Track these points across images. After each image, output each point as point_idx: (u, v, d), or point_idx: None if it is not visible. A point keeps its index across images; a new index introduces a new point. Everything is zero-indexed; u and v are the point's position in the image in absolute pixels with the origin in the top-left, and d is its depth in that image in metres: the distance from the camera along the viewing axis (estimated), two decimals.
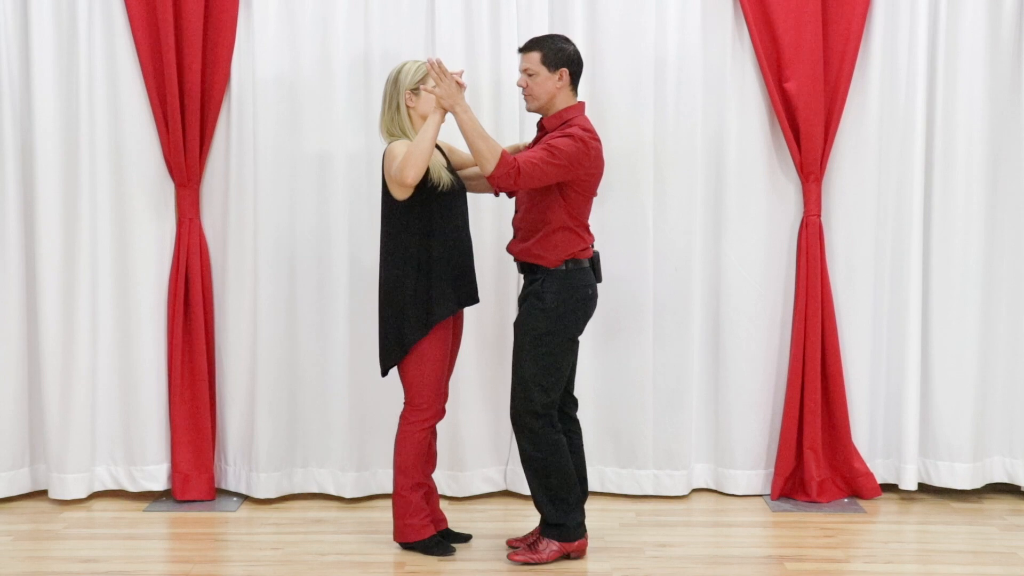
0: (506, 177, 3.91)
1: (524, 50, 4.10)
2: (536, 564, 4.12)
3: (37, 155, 4.81)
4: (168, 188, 4.89)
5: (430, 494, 4.40)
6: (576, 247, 4.08)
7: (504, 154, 3.92)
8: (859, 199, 4.98)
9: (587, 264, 4.14)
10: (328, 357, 4.96)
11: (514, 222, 4.23)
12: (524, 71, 4.09)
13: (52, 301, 4.86)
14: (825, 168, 4.93)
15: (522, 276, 4.25)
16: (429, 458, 4.37)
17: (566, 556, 4.17)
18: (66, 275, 4.88)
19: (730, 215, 5.00)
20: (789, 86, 4.81)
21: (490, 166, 3.92)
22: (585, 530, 4.21)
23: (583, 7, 4.90)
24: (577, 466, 4.27)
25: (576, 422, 4.36)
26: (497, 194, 4.33)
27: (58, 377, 4.87)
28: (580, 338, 4.38)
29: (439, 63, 3.94)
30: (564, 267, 4.07)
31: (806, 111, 4.81)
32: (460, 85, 3.96)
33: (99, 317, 4.94)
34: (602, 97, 4.88)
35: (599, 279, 4.22)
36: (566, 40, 4.13)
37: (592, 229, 4.46)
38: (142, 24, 4.78)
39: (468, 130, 3.94)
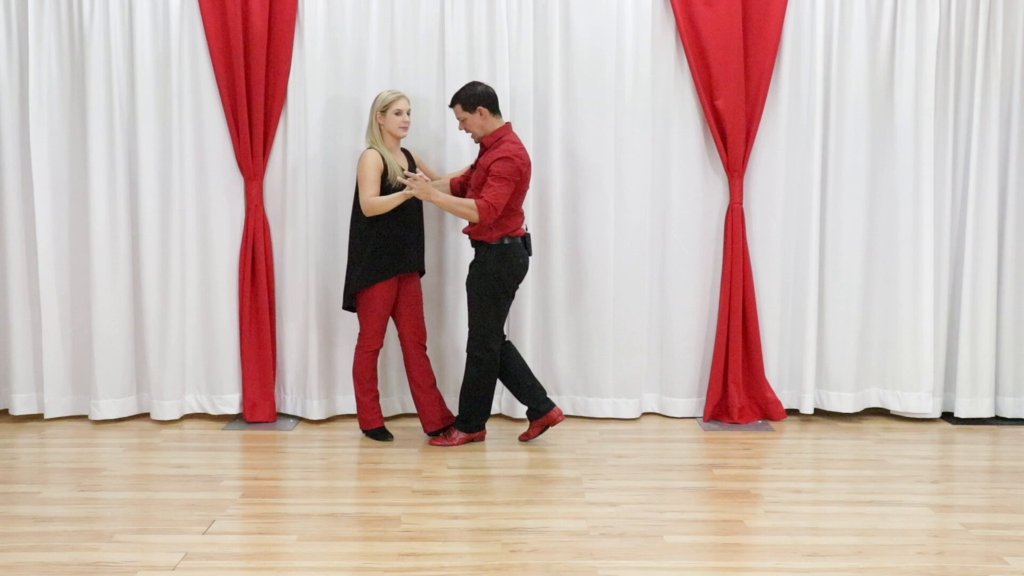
0: (488, 217, 4.65)
1: (451, 105, 4.84)
2: (448, 446, 4.94)
3: (140, 158, 5.33)
4: (239, 181, 5.41)
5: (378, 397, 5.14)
6: (510, 228, 4.79)
7: (478, 205, 4.63)
8: (771, 190, 5.50)
9: (519, 241, 4.83)
10: None
11: None
12: (458, 118, 4.85)
13: (152, 268, 5.39)
14: (746, 167, 5.46)
15: (474, 250, 4.93)
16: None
17: (471, 440, 5.01)
18: (163, 249, 5.40)
19: (674, 203, 5.53)
20: (719, 103, 5.37)
21: (475, 217, 4.67)
22: (484, 425, 5.02)
23: (560, 46, 5.40)
24: (523, 368, 4.98)
25: (510, 343, 5.04)
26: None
27: (157, 328, 5.42)
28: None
29: (412, 177, 4.66)
30: (501, 243, 4.79)
31: (731, 123, 5.37)
32: (427, 180, 4.67)
33: (187, 281, 5.47)
34: (577, 113, 5.39)
35: (530, 253, 4.91)
36: (475, 84, 4.82)
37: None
38: (220, 56, 5.31)
39: (445, 205, 4.70)
